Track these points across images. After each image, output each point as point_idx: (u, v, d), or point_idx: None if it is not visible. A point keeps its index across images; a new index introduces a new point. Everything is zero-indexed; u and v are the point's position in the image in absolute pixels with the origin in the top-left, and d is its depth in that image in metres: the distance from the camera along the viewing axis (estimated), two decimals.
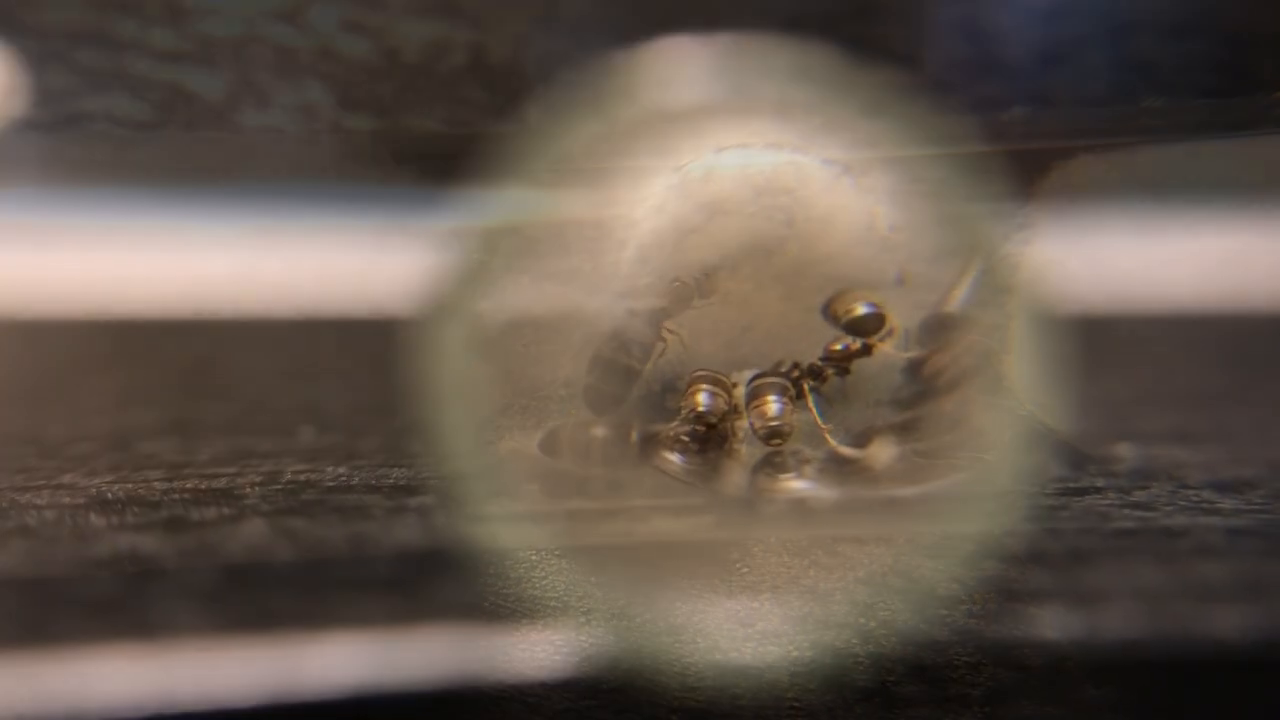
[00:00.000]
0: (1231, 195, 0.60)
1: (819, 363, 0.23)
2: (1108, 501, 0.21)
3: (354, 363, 0.36)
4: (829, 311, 0.23)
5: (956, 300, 0.21)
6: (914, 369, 0.23)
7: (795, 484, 0.21)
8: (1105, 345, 0.37)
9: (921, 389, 0.22)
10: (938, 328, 0.22)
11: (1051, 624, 0.16)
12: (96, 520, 0.20)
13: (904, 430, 0.22)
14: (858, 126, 0.15)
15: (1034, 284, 0.14)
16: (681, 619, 0.14)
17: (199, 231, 0.61)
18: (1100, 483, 0.22)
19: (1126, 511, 0.20)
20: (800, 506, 0.20)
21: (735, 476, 0.22)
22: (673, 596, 0.14)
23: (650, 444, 0.22)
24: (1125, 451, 0.24)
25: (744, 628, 0.14)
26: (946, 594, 0.14)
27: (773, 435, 0.22)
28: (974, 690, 0.16)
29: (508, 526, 0.14)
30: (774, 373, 0.22)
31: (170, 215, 0.62)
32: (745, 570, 0.17)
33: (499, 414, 0.15)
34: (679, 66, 0.15)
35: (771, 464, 0.22)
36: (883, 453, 0.21)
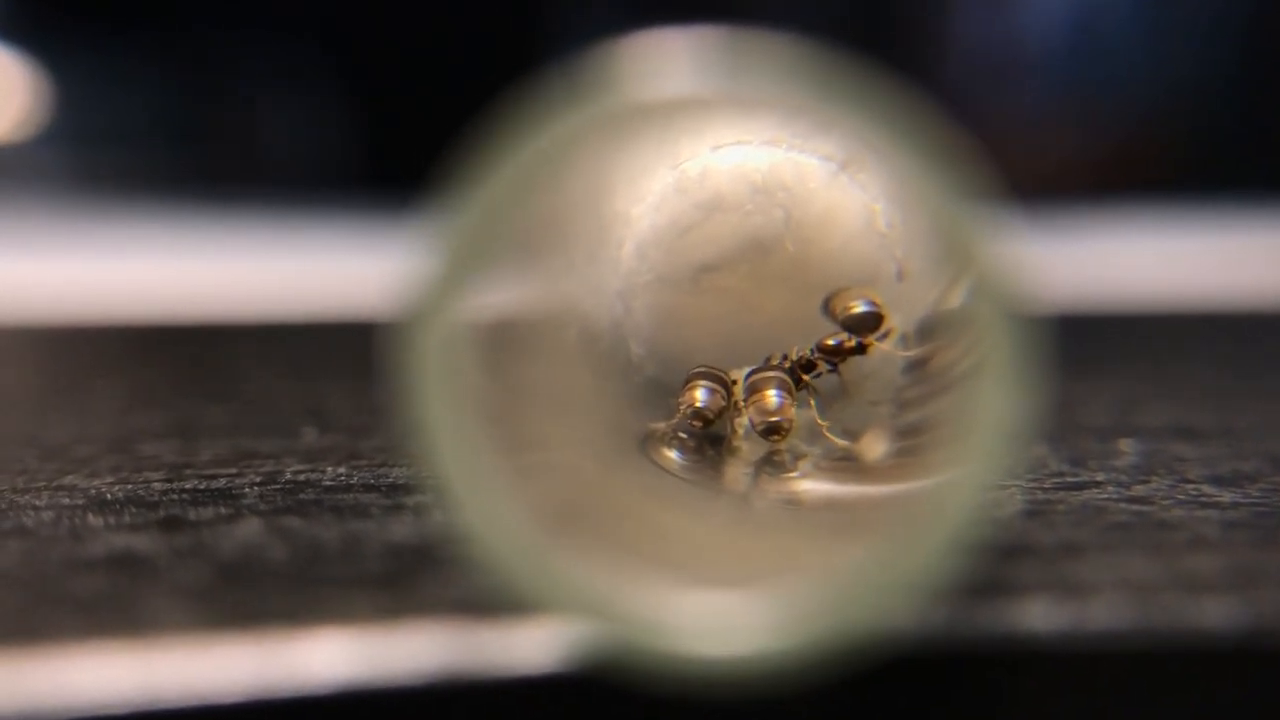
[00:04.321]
0: (1233, 193, 0.59)
1: (810, 354, 0.23)
2: (1106, 495, 0.21)
3: (357, 366, 0.36)
4: (828, 308, 0.23)
5: (956, 298, 0.21)
6: (913, 368, 0.23)
7: (791, 479, 0.21)
8: (1108, 343, 0.37)
9: (920, 388, 0.22)
10: (937, 326, 0.22)
11: (1041, 616, 0.16)
12: (94, 520, 0.20)
13: (901, 428, 0.22)
14: (855, 123, 0.15)
15: (1034, 281, 0.14)
16: (671, 613, 0.14)
17: (203, 238, 0.61)
18: (1100, 477, 0.22)
19: (1124, 506, 0.20)
20: (795, 501, 0.20)
21: (733, 472, 0.22)
22: (663, 590, 0.14)
23: (648, 440, 0.22)
24: (1126, 447, 0.24)
25: (734, 621, 0.14)
26: (938, 587, 0.14)
27: (772, 430, 0.22)
28: (963, 682, 0.16)
29: (497, 524, 0.14)
30: (772, 367, 0.22)
31: (175, 222, 0.63)
32: (736, 563, 0.17)
33: (493, 414, 0.15)
34: (674, 60, 0.15)
35: (768, 460, 0.22)
36: (877, 446, 0.21)
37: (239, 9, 0.71)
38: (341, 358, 0.39)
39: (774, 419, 0.22)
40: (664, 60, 0.15)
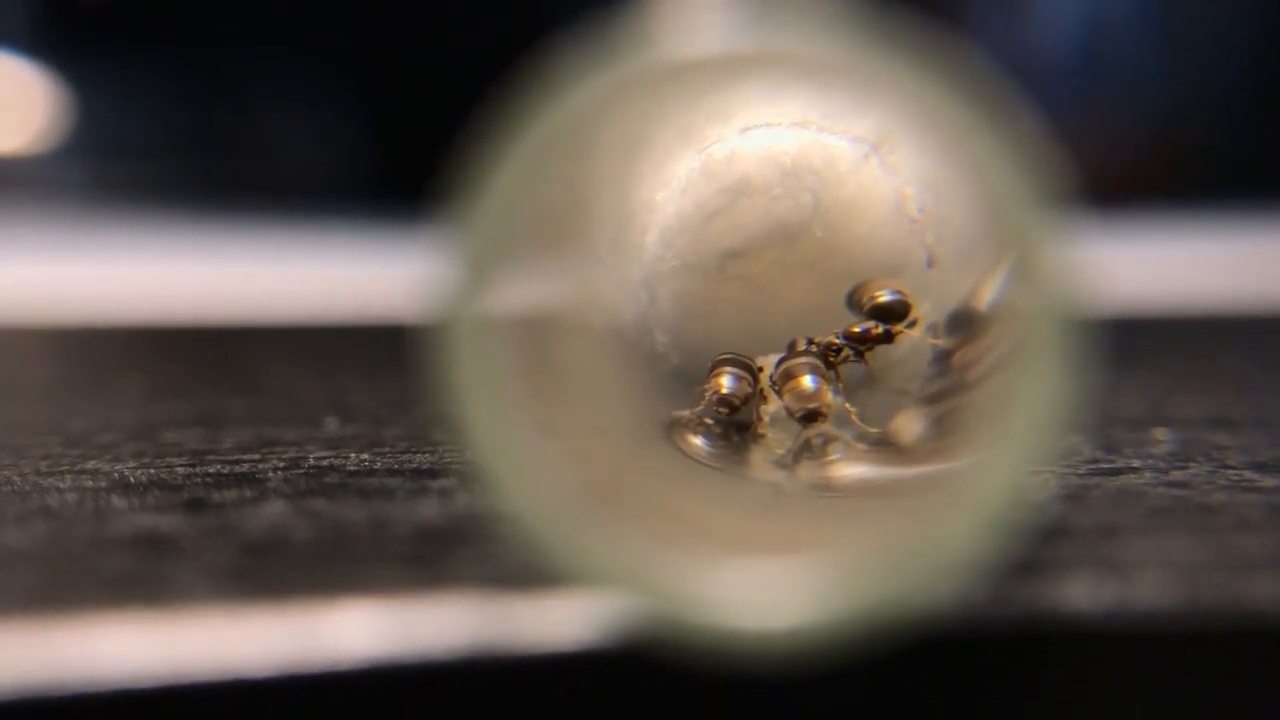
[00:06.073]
0: (1258, 198, 0.59)
1: (836, 340, 0.22)
2: (1144, 481, 0.20)
3: (375, 363, 0.36)
4: (852, 300, 0.23)
5: (989, 290, 0.20)
6: (945, 355, 0.22)
7: (825, 463, 0.21)
8: (1134, 341, 0.37)
9: (953, 375, 0.22)
10: (969, 319, 0.22)
11: (1087, 594, 0.15)
12: (117, 501, 0.19)
13: (933, 413, 0.21)
14: (887, 100, 0.14)
15: (1071, 274, 0.13)
16: (703, 588, 0.14)
17: (221, 245, 0.62)
18: (1136, 464, 0.22)
19: (1163, 490, 0.20)
20: (830, 485, 0.20)
21: (759, 459, 0.22)
22: (694, 566, 0.14)
23: (674, 427, 0.22)
24: (1161, 435, 0.24)
25: (765, 597, 0.14)
26: (974, 566, 0.14)
27: (811, 416, 0.21)
28: (1006, 658, 0.15)
29: (539, 503, 0.14)
30: (801, 352, 0.22)
31: (194, 230, 0.63)
32: (768, 542, 0.17)
33: (521, 404, 0.14)
34: (699, 23, 0.14)
35: (801, 445, 0.22)
36: (911, 430, 0.21)
37: (254, 24, 0.71)
38: (359, 356, 0.39)
39: (812, 405, 0.21)
40: (699, 19, 0.14)
